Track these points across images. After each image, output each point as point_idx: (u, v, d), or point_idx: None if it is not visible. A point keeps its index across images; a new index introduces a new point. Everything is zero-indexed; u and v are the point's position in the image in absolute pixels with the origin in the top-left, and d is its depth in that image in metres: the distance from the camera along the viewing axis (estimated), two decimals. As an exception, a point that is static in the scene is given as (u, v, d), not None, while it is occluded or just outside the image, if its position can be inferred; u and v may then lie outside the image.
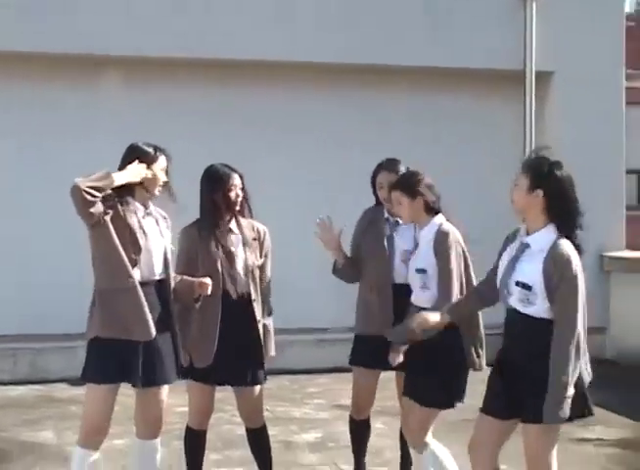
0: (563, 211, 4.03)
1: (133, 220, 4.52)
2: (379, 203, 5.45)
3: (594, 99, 10.07)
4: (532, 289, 3.98)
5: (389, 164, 5.40)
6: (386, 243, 5.30)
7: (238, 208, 5.07)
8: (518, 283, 4.03)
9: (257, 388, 5.09)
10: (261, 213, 5.26)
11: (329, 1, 9.62)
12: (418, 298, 4.90)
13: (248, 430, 5.25)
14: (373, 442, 6.43)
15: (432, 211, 4.88)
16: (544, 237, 4.01)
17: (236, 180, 5.03)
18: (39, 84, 9.22)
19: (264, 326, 5.16)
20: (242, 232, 5.07)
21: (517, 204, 4.11)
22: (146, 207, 4.65)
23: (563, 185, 4.03)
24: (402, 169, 5.33)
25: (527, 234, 4.11)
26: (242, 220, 5.11)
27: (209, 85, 9.57)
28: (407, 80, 10.05)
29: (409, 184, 4.87)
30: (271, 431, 5.76)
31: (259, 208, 5.25)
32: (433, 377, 4.73)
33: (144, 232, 4.55)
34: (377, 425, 6.88)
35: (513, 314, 4.12)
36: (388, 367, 5.21)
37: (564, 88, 10.13)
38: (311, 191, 9.60)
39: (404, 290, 5.10)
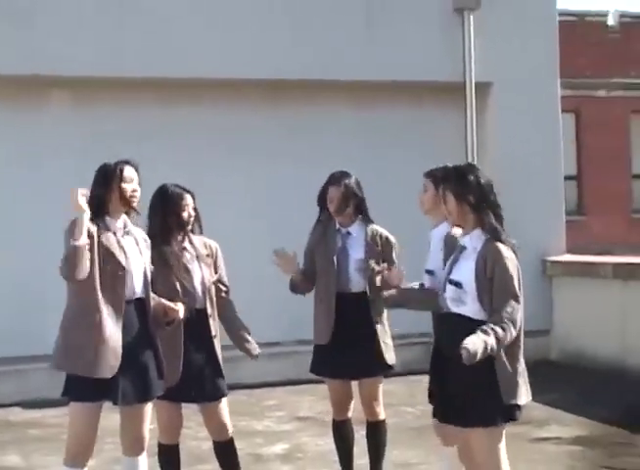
0: (487, 214, 4.19)
1: (112, 241, 4.57)
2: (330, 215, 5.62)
3: (532, 108, 10.39)
4: (463, 287, 4.15)
5: (338, 178, 5.56)
6: (335, 257, 5.50)
7: (190, 226, 5.20)
8: (451, 281, 4.21)
9: (222, 401, 5.19)
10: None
11: (269, 17, 9.78)
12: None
13: (215, 443, 5.31)
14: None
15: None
16: (476, 237, 4.20)
17: (188, 200, 5.15)
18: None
19: (242, 336, 5.30)
20: (195, 249, 5.18)
21: (453, 217, 4.32)
22: (125, 226, 4.70)
23: (484, 190, 4.22)
24: (351, 182, 5.54)
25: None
26: (193, 238, 5.23)
27: (161, 104, 9.68)
28: (347, 94, 10.25)
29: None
30: (237, 445, 5.83)
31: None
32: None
33: (124, 252, 4.61)
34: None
35: (447, 316, 4.26)
36: (342, 376, 5.53)
37: (502, 98, 10.42)
38: (253, 203, 9.81)
39: (362, 298, 5.43)
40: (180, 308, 4.80)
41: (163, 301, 4.83)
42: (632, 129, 22.67)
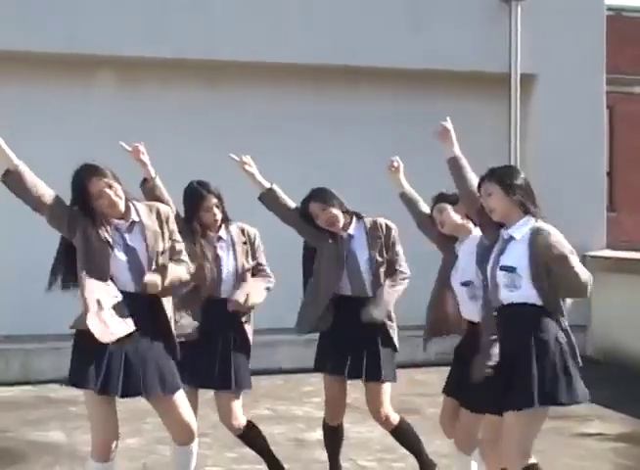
0: (534, 204, 4.37)
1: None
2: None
3: (576, 102, 10.34)
4: (516, 270, 4.22)
5: (319, 195, 5.43)
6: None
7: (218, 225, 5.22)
8: (502, 267, 4.27)
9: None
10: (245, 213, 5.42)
11: (312, 3, 9.76)
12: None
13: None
14: (383, 439, 6.58)
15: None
16: (524, 226, 4.30)
17: (211, 201, 5.16)
18: (25, 84, 9.26)
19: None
20: (231, 237, 5.24)
21: (498, 210, 4.38)
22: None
23: (527, 182, 4.42)
24: (333, 201, 5.37)
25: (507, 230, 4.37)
26: (231, 226, 5.27)
27: (197, 86, 9.71)
28: (391, 82, 10.22)
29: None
30: (279, 429, 5.84)
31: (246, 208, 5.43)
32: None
33: None
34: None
35: (504, 310, 4.30)
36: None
37: (547, 91, 10.39)
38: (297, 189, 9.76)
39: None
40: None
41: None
42: (667, 127, 22.47)
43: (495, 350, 4.38)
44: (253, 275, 5.32)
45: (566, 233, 4.29)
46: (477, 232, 4.96)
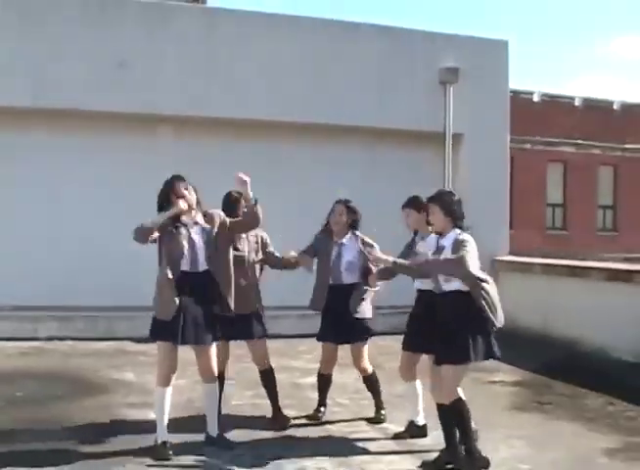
0: (460, 218, 4.46)
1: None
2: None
3: (490, 152, 10.33)
4: None
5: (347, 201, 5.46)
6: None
7: None
8: None
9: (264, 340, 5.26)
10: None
11: (302, 73, 9.65)
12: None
13: (260, 371, 5.37)
14: (355, 384, 6.47)
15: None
16: (451, 236, 4.42)
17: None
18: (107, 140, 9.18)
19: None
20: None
21: (437, 225, 4.47)
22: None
23: (460, 205, 4.51)
24: (349, 212, 5.38)
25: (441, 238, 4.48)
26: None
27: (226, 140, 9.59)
28: (358, 136, 10.13)
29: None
30: (281, 376, 5.75)
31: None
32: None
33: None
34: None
35: (443, 294, 4.43)
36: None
37: (471, 145, 10.34)
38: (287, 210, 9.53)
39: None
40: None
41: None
42: (548, 172, 22.74)
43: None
44: None
45: (482, 244, 4.39)
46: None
